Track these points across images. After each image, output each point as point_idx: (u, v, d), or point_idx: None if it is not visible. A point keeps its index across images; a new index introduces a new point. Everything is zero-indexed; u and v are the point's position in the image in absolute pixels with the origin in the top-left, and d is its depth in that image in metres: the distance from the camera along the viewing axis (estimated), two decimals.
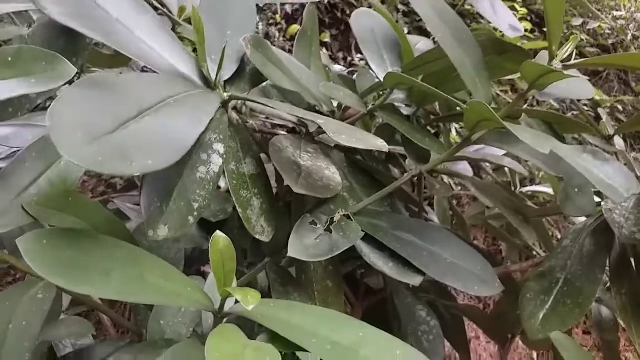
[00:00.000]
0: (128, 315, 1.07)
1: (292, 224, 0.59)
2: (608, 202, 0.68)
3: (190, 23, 0.69)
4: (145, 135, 0.35)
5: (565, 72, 0.52)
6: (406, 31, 2.43)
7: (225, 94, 0.52)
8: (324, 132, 0.65)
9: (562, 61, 0.55)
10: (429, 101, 0.71)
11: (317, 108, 0.65)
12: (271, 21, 2.54)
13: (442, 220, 1.02)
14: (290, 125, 0.69)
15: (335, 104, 0.65)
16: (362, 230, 0.52)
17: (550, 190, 1.09)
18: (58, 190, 0.47)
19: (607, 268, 0.69)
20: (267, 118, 0.68)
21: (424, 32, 2.43)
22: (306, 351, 0.37)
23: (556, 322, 0.64)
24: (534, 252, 1.05)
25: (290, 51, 0.72)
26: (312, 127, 0.66)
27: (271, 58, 0.55)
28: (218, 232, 0.41)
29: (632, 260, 0.71)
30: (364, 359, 0.36)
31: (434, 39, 0.61)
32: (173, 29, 0.70)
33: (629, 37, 2.75)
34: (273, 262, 0.56)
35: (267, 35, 2.46)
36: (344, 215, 0.52)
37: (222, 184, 0.99)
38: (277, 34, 2.50)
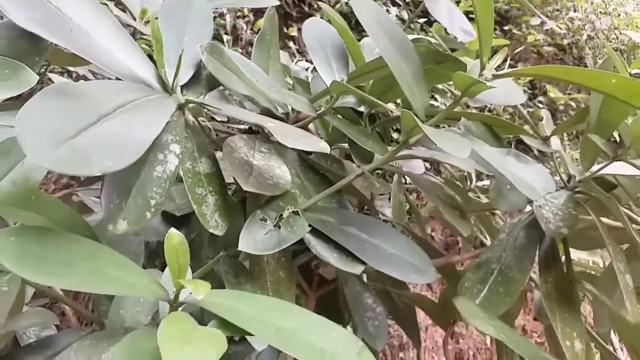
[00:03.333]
0: (92, 307, 1.10)
1: (247, 219, 0.63)
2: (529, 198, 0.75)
3: None
4: (104, 139, 0.39)
5: (492, 83, 0.58)
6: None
7: (182, 98, 0.55)
8: None
9: (495, 69, 0.61)
10: (377, 104, 0.76)
11: (272, 111, 0.69)
12: (239, 14, 2.55)
13: (397, 212, 1.07)
14: (247, 126, 0.73)
15: (289, 106, 0.70)
16: (310, 225, 0.56)
17: None
18: (21, 190, 0.50)
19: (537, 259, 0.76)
20: (227, 119, 0.71)
21: None
22: (252, 335, 0.42)
23: (489, 310, 0.70)
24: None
25: None
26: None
27: (226, 63, 0.59)
28: (172, 230, 0.45)
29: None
30: (300, 339, 0.41)
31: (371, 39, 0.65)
32: (134, 33, 0.73)
33: (584, 37, 2.86)
34: (227, 255, 0.60)
35: (234, 28, 2.47)
36: (292, 211, 0.56)
37: None
38: (245, 27, 2.52)
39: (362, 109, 0.76)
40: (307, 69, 1.05)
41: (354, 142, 0.62)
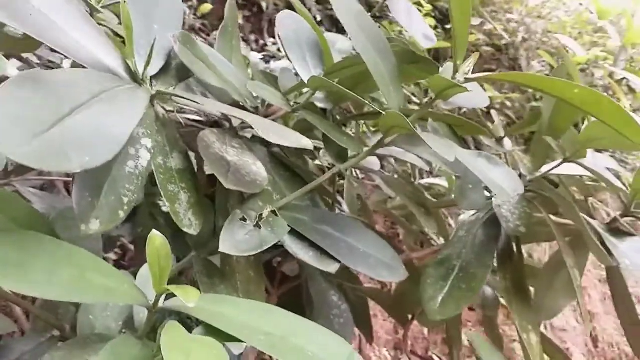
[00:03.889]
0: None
1: (216, 216, 0.61)
2: (497, 198, 0.78)
3: (111, 11, 0.68)
4: (80, 132, 0.36)
5: (466, 85, 0.59)
6: (319, 18, 2.47)
7: (152, 89, 0.52)
8: (247, 127, 0.67)
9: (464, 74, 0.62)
10: (344, 100, 0.76)
11: (241, 104, 0.67)
12: None
13: (350, 206, 1.08)
14: (212, 120, 0.71)
15: (258, 100, 0.68)
16: (287, 225, 0.55)
17: (445, 184, 1.19)
18: None
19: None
20: (192, 112, 0.68)
21: (335, 21, 2.49)
22: (241, 341, 0.40)
23: (452, 305, 0.72)
24: (429, 238, 1.15)
25: (200, 29, 0.73)
26: (235, 121, 0.67)
27: (199, 55, 0.57)
28: (154, 231, 0.43)
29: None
30: (290, 344, 0.40)
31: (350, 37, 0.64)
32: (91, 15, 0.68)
33: (519, 39, 3.00)
34: (199, 255, 0.58)
35: None
36: (271, 210, 0.55)
37: None
38: (188, 11, 2.43)
39: (325, 106, 0.76)
40: (267, 61, 1.03)
41: (328, 139, 0.61)
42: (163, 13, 0.57)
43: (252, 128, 0.66)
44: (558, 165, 0.78)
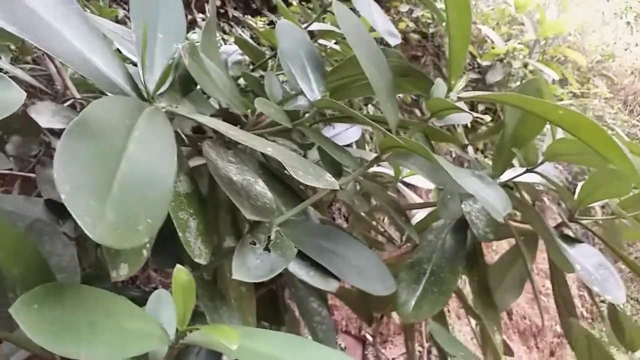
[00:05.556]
0: None
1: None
2: (466, 204, 0.82)
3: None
4: (134, 187, 0.33)
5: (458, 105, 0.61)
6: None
7: (161, 107, 0.49)
8: None
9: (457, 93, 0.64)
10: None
11: (230, 110, 0.64)
12: None
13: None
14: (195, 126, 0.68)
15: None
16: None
17: (391, 172, 1.23)
18: None
19: None
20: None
21: None
22: None
23: (426, 308, 0.75)
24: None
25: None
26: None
27: (202, 66, 0.54)
28: (179, 266, 0.41)
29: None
30: None
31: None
32: None
33: (444, 26, 3.11)
34: (196, 275, 0.55)
35: None
36: (276, 231, 0.54)
37: None
38: None
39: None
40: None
41: (325, 153, 0.61)
42: (166, 20, 0.53)
43: None
44: (522, 174, 0.83)
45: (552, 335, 3.04)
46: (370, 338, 1.99)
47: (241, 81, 0.98)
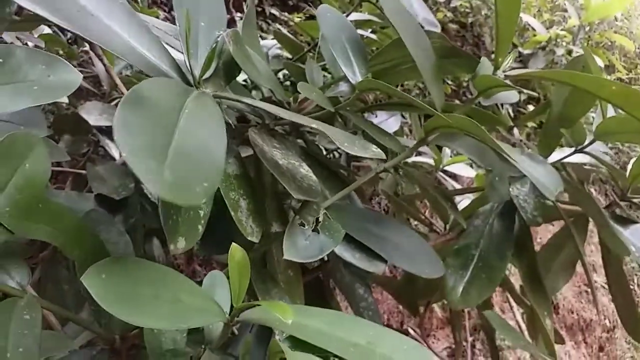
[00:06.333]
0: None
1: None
2: (514, 188, 0.80)
3: None
4: (189, 156, 0.34)
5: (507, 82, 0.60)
6: None
7: (209, 92, 0.50)
8: (281, 123, 0.66)
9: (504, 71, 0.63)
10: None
11: (272, 98, 0.65)
12: None
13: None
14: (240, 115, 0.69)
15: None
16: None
17: (430, 161, 1.21)
18: (27, 197, 0.43)
19: None
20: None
21: None
22: (331, 354, 0.40)
23: (475, 294, 0.74)
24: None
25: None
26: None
27: (246, 53, 0.54)
28: (235, 245, 0.42)
29: None
30: (383, 356, 0.41)
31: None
32: None
33: (482, 16, 3.05)
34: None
35: None
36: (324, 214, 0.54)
37: (117, 154, 0.94)
38: None
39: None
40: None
41: (368, 137, 0.61)
42: (207, 8, 0.54)
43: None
44: (571, 154, 0.81)
45: (600, 330, 2.94)
46: (412, 331, 1.97)
47: (279, 75, 0.99)
